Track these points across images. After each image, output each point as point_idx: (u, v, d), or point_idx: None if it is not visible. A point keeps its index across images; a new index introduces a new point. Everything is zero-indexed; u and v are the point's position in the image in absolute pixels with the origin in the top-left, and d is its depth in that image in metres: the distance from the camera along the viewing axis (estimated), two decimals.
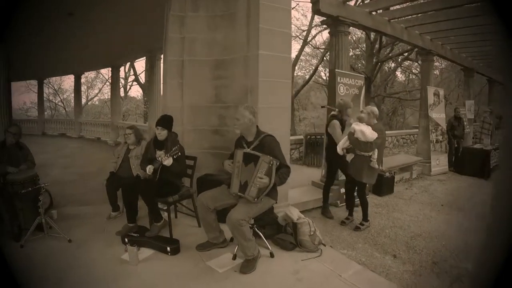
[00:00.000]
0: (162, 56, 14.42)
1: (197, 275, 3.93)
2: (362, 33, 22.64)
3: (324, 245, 4.63)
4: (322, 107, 8.05)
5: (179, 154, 4.62)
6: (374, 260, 4.60)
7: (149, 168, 4.67)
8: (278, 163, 3.89)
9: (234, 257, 4.24)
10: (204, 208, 4.26)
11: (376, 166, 5.35)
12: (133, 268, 4.03)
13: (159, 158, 4.58)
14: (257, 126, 4.20)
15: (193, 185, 5.35)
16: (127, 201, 4.98)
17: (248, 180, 3.91)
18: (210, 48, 5.79)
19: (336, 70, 7.10)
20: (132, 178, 5.29)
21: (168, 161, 4.55)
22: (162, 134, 4.85)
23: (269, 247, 4.41)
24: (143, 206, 4.88)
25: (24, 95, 35.13)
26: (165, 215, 4.97)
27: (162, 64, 14.19)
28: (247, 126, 4.10)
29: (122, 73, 31.05)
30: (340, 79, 7.02)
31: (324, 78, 28.48)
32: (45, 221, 4.82)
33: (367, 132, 5.12)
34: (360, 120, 5.35)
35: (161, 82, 14.57)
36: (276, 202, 4.28)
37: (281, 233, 4.77)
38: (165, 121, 4.91)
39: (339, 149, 5.45)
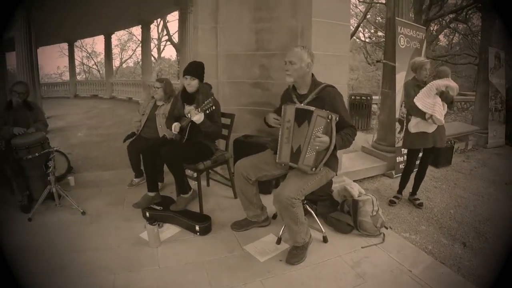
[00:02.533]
0: (193, 8, 14.39)
1: (232, 265, 3.20)
2: None
3: (387, 228, 3.82)
4: (377, 61, 7.14)
5: (213, 108, 3.75)
6: (442, 249, 3.80)
7: (175, 126, 3.93)
8: (337, 118, 2.96)
9: (279, 241, 3.46)
10: (243, 179, 3.42)
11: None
12: (152, 252, 3.39)
13: (188, 114, 3.80)
14: (312, 75, 3.26)
15: (229, 148, 4.55)
16: (147, 166, 4.26)
17: (302, 145, 3.03)
18: None
19: (396, 18, 6.07)
20: (158, 139, 4.65)
21: (199, 117, 3.71)
22: (192, 84, 3.99)
23: (323, 229, 3.58)
24: (169, 172, 4.21)
25: (58, 59, 36.05)
26: (194, 184, 4.26)
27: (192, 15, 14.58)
28: (303, 74, 3.15)
29: (155, 34, 31.73)
30: (400, 29, 6.03)
31: (363, 39, 27.26)
32: (56, 190, 4.35)
33: (454, 86, 4.32)
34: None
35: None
36: (336, 174, 3.42)
37: (336, 212, 3.96)
38: (195, 69, 4.06)
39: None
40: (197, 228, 3.61)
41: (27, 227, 4.01)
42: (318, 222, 3.62)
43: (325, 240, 3.50)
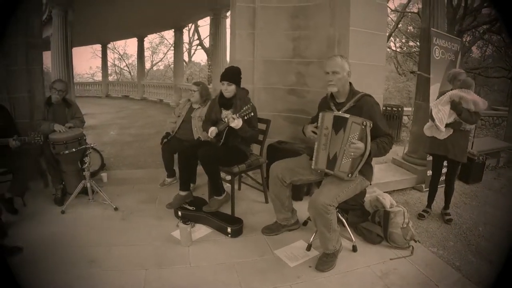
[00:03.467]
0: (227, 14, 14.49)
1: (262, 268, 3.19)
2: None
3: (416, 242, 3.72)
4: (411, 72, 7.02)
5: (252, 115, 3.78)
6: (469, 267, 3.67)
7: (212, 131, 3.96)
8: (371, 124, 2.94)
9: (309, 248, 3.43)
10: (277, 181, 3.43)
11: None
12: (183, 251, 3.43)
13: (225, 119, 3.82)
14: (350, 84, 3.25)
15: (263, 153, 4.53)
16: (183, 167, 4.26)
17: (338, 152, 3.02)
18: None
19: (432, 29, 5.98)
20: (193, 141, 4.70)
21: (237, 123, 3.72)
22: (229, 90, 4.02)
23: (353, 238, 3.55)
24: (202, 173, 4.21)
25: (90, 60, 36.76)
26: (227, 187, 4.27)
27: (228, 19, 14.65)
28: (344, 83, 3.17)
29: (186, 38, 31.75)
30: (435, 40, 5.90)
31: (394, 48, 26.89)
32: (90, 185, 4.46)
33: (479, 100, 4.19)
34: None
35: (227, 39, 14.55)
36: (371, 184, 3.39)
37: (367, 222, 3.89)
38: (232, 74, 4.07)
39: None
40: (229, 230, 3.62)
41: (60, 219, 4.13)
42: (349, 231, 3.58)
43: (354, 249, 3.47)
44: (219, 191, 4.05)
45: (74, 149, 4.35)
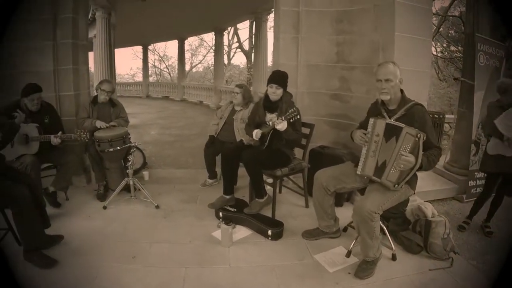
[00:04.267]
0: (268, 17, 14.53)
1: (301, 272, 3.16)
2: None
3: (455, 253, 3.59)
4: (455, 79, 6.81)
5: (298, 117, 3.78)
6: None
7: (256, 133, 3.97)
8: (425, 137, 2.87)
9: (349, 254, 3.38)
10: (322, 189, 3.40)
11: None
12: (223, 251, 3.46)
13: (270, 122, 3.84)
14: (402, 91, 3.19)
15: (305, 158, 4.50)
16: (226, 169, 4.30)
17: (387, 160, 2.97)
18: None
19: (476, 34, 5.80)
20: (235, 143, 4.74)
21: (282, 125, 3.72)
22: (277, 93, 4.02)
23: (393, 247, 3.47)
24: (243, 175, 4.27)
25: (131, 61, 37.50)
26: (268, 189, 4.25)
27: (269, 22, 14.69)
28: (396, 90, 3.12)
29: (225, 41, 31.86)
30: (480, 46, 5.71)
31: (435, 53, 26.26)
32: (133, 182, 4.58)
33: None
34: None
35: (268, 42, 14.58)
36: (414, 193, 3.31)
37: (407, 231, 3.79)
38: (281, 78, 4.07)
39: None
40: (269, 232, 3.61)
41: (102, 214, 4.26)
42: (390, 239, 3.51)
43: (394, 258, 3.40)
44: (261, 193, 4.06)
45: (118, 147, 4.46)
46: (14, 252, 3.23)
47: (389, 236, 3.52)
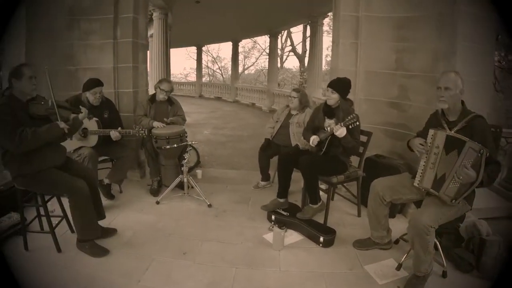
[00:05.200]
0: (324, 21, 14.45)
1: (351, 282, 3.11)
2: None
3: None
4: None
5: (357, 124, 3.74)
6: None
7: (313, 139, 3.95)
8: (488, 153, 2.75)
9: (399, 267, 3.27)
10: (377, 199, 3.34)
11: None
12: (274, 254, 3.45)
13: (328, 128, 3.81)
14: (462, 102, 3.07)
15: (361, 166, 4.43)
16: (282, 173, 4.30)
17: (447, 174, 2.87)
18: (391, 2, 4.83)
19: None
20: (290, 147, 4.73)
21: (341, 131, 3.69)
22: (331, 97, 4.00)
23: (445, 263, 3.32)
24: (296, 180, 4.29)
25: (184, 61, 38.13)
26: (322, 195, 4.19)
27: (322, 28, 14.60)
28: (456, 100, 3.01)
29: (279, 44, 31.87)
30: None
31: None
32: (187, 180, 4.68)
33: None
34: None
35: (323, 46, 14.52)
36: (471, 209, 3.18)
37: (460, 248, 3.62)
38: (338, 83, 4.05)
39: None
40: (321, 239, 3.58)
41: (154, 209, 4.41)
42: (442, 255, 3.36)
43: (444, 275, 3.25)
44: (316, 199, 4.03)
45: (175, 145, 4.58)
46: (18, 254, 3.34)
47: (441, 252, 3.38)
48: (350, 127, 3.68)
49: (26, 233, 3.46)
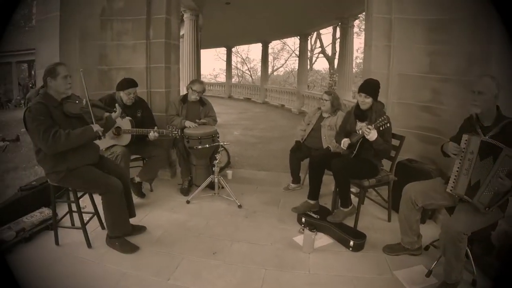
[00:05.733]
0: (357, 23, 14.34)
1: (380, 287, 3.07)
2: None
3: None
4: None
5: (388, 126, 3.68)
6: None
7: (344, 142, 3.92)
8: None
9: (429, 274, 3.19)
10: (409, 203, 3.29)
11: None
12: (303, 257, 3.43)
13: (360, 131, 3.77)
14: (497, 107, 2.98)
15: (393, 170, 4.34)
16: (313, 175, 4.27)
17: (481, 181, 2.80)
18: (425, 4, 4.71)
19: None
20: (322, 150, 4.71)
21: (372, 134, 3.63)
22: (366, 102, 3.95)
23: (475, 271, 3.22)
24: (325, 183, 4.25)
25: (213, 62, 38.46)
26: (353, 199, 4.19)
27: (353, 30, 14.48)
28: (490, 105, 2.93)
29: (308, 46, 31.85)
30: None
31: None
32: (217, 180, 4.74)
33: None
34: None
35: (353, 49, 14.39)
36: (504, 216, 3.08)
37: (491, 256, 3.49)
38: (371, 87, 3.99)
39: None
40: (351, 243, 3.54)
41: (185, 208, 4.48)
42: (473, 263, 3.26)
43: (474, 283, 3.15)
44: (347, 202, 4.00)
45: (207, 145, 4.64)
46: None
47: (472, 260, 3.28)
48: (381, 128, 3.64)
49: (57, 228, 3.56)
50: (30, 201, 4.13)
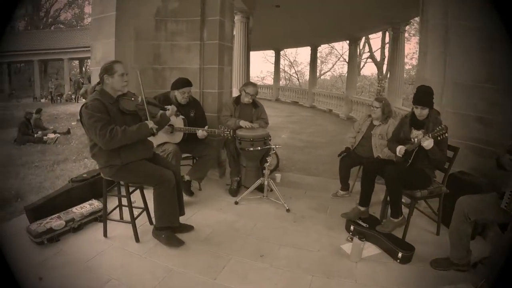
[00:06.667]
0: (406, 28, 14.00)
1: None
2: None
3: None
4: None
5: (445, 135, 3.54)
6: None
7: (400, 149, 3.81)
8: None
9: None
10: (462, 217, 3.19)
11: None
12: (350, 265, 3.37)
13: (415, 139, 3.68)
14: None
15: (444, 182, 4.13)
16: (366, 181, 4.18)
17: None
18: (483, 11, 4.46)
19: None
20: (371, 159, 4.66)
21: (429, 143, 3.52)
22: (422, 114, 3.83)
23: None
24: (375, 190, 4.16)
25: (261, 64, 38.75)
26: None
27: (404, 35, 14.13)
28: None
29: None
30: None
31: None
32: (267, 183, 4.77)
33: None
34: None
35: (404, 55, 14.10)
36: None
37: None
38: (425, 97, 3.83)
39: None
40: (399, 255, 3.43)
41: (233, 209, 4.54)
42: None
43: None
44: (397, 213, 3.86)
45: (259, 148, 4.65)
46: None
47: None
48: (439, 138, 3.52)
49: (107, 220, 3.70)
50: (80, 192, 4.33)
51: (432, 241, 3.94)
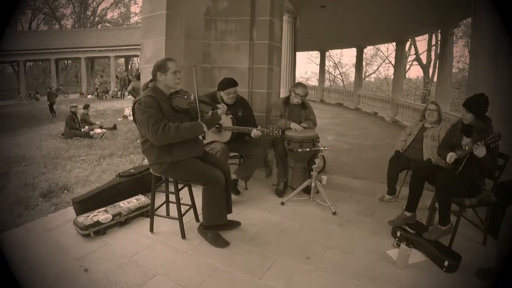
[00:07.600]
0: (455, 30, 13.60)
1: None
2: None
3: None
4: None
5: (498, 143, 3.45)
6: None
7: (451, 156, 3.73)
8: None
9: None
10: None
11: None
12: (396, 272, 3.32)
13: (467, 146, 3.61)
14: None
15: (493, 191, 4.00)
16: (414, 186, 4.14)
17: None
18: None
19: None
20: (422, 162, 4.57)
21: (481, 151, 3.44)
22: (466, 117, 3.77)
23: None
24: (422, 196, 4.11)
25: (306, 65, 38.73)
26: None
27: (453, 37, 13.73)
28: None
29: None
30: None
31: None
32: (314, 185, 4.75)
33: None
34: None
35: (453, 58, 13.71)
36: None
37: None
38: (473, 103, 3.76)
39: None
40: (446, 263, 3.35)
41: (279, 210, 4.57)
42: None
43: None
44: (445, 220, 3.76)
45: (307, 149, 4.68)
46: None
47: None
48: (491, 146, 3.43)
49: (154, 216, 3.80)
50: (127, 187, 4.48)
51: (478, 250, 3.84)
